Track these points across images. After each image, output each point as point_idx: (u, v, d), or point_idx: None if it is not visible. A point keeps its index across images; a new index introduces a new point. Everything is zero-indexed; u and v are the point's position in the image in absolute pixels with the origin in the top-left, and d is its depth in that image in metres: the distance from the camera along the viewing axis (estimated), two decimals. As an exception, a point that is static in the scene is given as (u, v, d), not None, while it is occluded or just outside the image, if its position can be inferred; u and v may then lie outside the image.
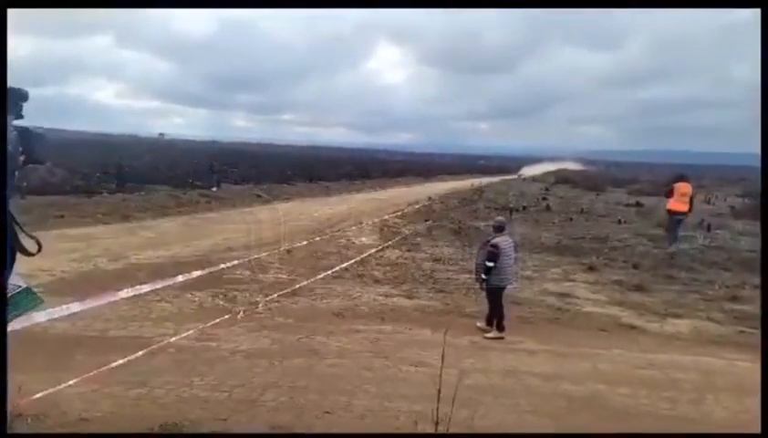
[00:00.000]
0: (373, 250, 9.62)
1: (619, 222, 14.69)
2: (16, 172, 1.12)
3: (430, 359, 4.52)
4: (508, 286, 5.55)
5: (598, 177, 43.35)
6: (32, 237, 1.14)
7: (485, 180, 39.61)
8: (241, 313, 5.47)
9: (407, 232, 12.07)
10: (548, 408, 3.84)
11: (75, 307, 3.52)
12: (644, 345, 5.35)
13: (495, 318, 5.44)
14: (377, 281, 7.45)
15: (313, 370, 4.28)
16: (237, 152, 49.40)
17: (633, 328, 5.89)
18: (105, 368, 3.51)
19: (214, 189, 19.08)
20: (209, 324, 4.88)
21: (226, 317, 5.29)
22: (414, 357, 4.65)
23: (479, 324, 5.61)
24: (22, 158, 1.13)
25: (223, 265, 5.91)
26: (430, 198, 21.43)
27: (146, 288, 4.42)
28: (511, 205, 18.20)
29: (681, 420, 3.77)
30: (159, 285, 4.74)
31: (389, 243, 10.42)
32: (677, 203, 10.69)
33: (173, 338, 4.35)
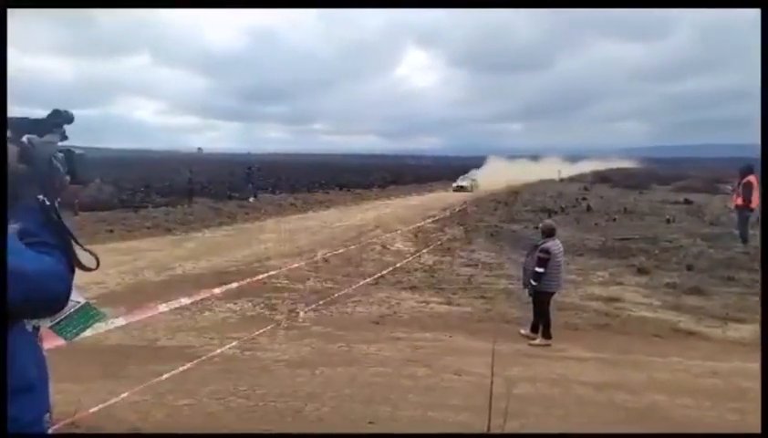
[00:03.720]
0: (410, 256, 9.54)
1: (668, 221, 13.92)
2: (62, 192, 1.16)
3: (473, 367, 4.40)
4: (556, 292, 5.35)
5: (640, 175, 41.46)
6: (89, 252, 1.15)
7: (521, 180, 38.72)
8: (282, 322, 5.53)
9: (443, 237, 11.92)
10: (603, 419, 3.63)
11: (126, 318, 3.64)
12: (704, 352, 5.00)
13: (541, 324, 5.24)
14: (414, 288, 7.37)
15: (355, 379, 4.24)
16: (271, 163, 50.60)
17: (691, 333, 5.53)
18: (156, 378, 3.60)
19: (252, 200, 19.56)
20: (252, 333, 4.95)
21: (268, 326, 5.36)
22: (456, 365, 4.55)
23: (523, 331, 5.43)
24: (68, 178, 1.18)
25: (263, 275, 6.01)
26: (464, 202, 21.18)
27: (190, 299, 4.53)
28: (549, 207, 17.69)
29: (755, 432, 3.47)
30: (202, 295, 4.86)
31: (426, 249, 10.31)
32: (754, 199, 10.06)
33: (219, 350, 4.43)
